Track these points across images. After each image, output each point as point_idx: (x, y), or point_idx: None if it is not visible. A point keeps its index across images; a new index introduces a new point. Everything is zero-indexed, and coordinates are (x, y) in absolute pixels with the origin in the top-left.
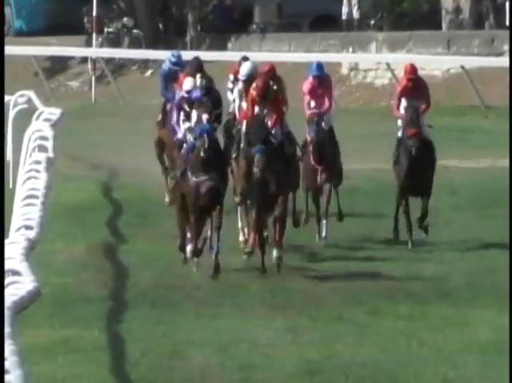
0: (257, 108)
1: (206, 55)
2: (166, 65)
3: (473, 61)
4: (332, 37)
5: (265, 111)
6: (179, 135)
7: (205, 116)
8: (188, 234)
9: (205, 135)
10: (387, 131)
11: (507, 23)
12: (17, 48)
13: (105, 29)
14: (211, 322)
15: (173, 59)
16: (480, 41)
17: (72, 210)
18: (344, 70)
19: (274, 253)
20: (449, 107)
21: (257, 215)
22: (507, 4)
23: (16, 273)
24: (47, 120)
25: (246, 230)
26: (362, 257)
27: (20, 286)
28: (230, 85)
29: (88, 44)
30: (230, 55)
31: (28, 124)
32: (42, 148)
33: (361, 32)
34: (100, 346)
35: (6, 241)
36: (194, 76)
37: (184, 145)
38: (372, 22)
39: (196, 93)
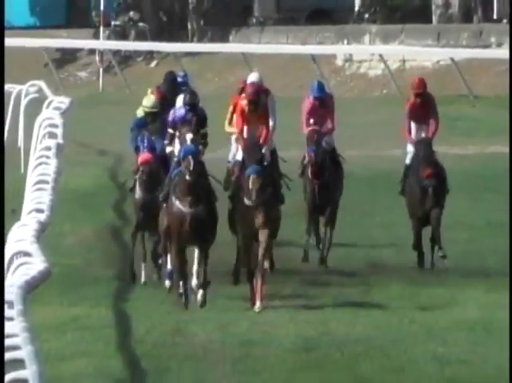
0: (245, 128)
1: (208, 47)
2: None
3: (461, 53)
4: (328, 30)
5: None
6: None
7: (189, 136)
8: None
9: (190, 157)
10: (380, 120)
11: (495, 16)
12: (28, 40)
13: (112, 23)
14: (213, 302)
15: (180, 79)
16: (468, 34)
17: (80, 194)
18: (339, 61)
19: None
20: (439, 96)
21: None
22: None
23: (27, 254)
24: (57, 108)
25: None
26: (356, 241)
27: (31, 267)
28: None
29: (96, 36)
30: (231, 47)
31: (39, 112)
32: (52, 135)
33: (355, 25)
34: (107, 324)
35: (18, 223)
36: (168, 92)
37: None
38: (366, 16)
39: (180, 111)
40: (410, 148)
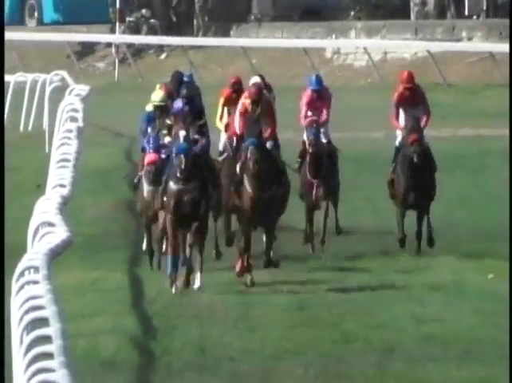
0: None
1: (212, 41)
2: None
3: (437, 46)
4: (318, 26)
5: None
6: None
7: (182, 133)
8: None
9: (182, 155)
10: (364, 106)
11: (466, 13)
12: (53, 34)
13: (127, 19)
14: (216, 267)
15: (186, 78)
16: (443, 29)
17: (99, 171)
18: (328, 54)
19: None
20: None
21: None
22: None
23: (51, 224)
24: (77, 95)
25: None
26: (342, 212)
27: (55, 236)
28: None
29: (112, 31)
30: (232, 41)
31: (61, 99)
32: (73, 119)
33: (343, 21)
34: (122, 286)
35: (43, 197)
36: (175, 90)
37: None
38: (352, 13)
39: (178, 104)
40: (399, 132)
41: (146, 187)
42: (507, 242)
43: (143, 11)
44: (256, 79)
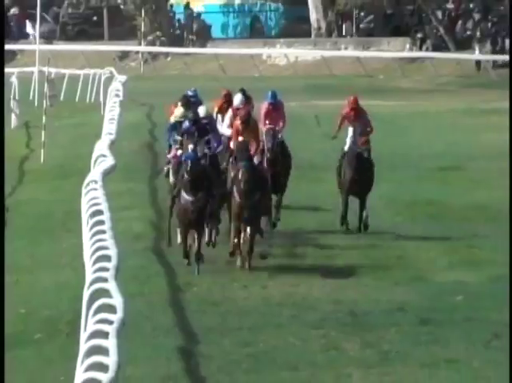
0: (240, 138)
1: (196, 50)
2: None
3: (327, 53)
4: (259, 41)
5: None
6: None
7: (190, 146)
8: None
9: (188, 161)
10: (284, 87)
11: (344, 34)
12: (104, 46)
13: (147, 37)
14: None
15: (190, 93)
16: (330, 43)
17: (131, 124)
18: (264, 57)
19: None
20: (315, 74)
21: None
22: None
23: (104, 155)
24: (119, 81)
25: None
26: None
27: (106, 163)
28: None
29: (139, 44)
30: (208, 50)
31: (110, 83)
32: (117, 95)
33: (272, 39)
34: (146, 192)
35: (99, 141)
36: (184, 108)
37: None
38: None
39: (185, 124)
40: (348, 139)
41: (171, 177)
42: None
43: (158, 33)
44: (239, 95)
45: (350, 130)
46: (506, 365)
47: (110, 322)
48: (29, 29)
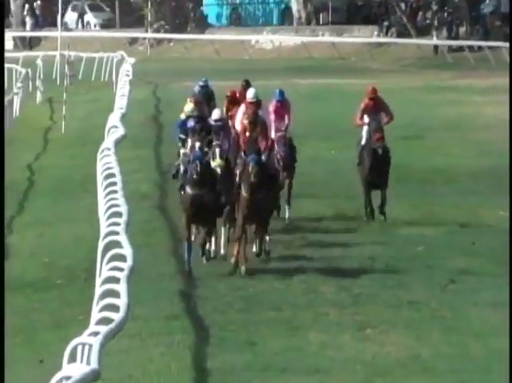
0: (248, 134)
1: (195, 36)
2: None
3: (306, 39)
4: (248, 29)
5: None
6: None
7: (197, 144)
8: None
9: (197, 161)
10: (269, 68)
11: (321, 22)
12: (111, 33)
13: (153, 25)
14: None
15: (201, 83)
16: (309, 30)
17: (139, 100)
18: (253, 42)
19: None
20: (297, 57)
21: (242, 223)
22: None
23: (115, 127)
24: (129, 63)
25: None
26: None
27: (118, 133)
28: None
29: (146, 31)
30: (206, 36)
31: (121, 65)
32: (127, 75)
33: (261, 26)
34: (152, 157)
35: (111, 114)
36: (199, 103)
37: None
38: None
39: (190, 122)
40: (364, 133)
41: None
42: None
43: (162, 22)
44: (251, 90)
45: (366, 120)
46: (460, 307)
47: (121, 269)
48: (89, 17)
